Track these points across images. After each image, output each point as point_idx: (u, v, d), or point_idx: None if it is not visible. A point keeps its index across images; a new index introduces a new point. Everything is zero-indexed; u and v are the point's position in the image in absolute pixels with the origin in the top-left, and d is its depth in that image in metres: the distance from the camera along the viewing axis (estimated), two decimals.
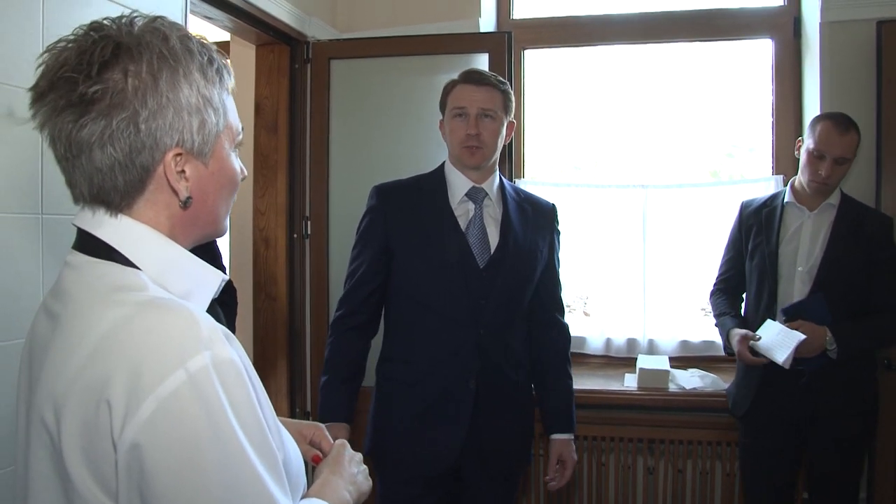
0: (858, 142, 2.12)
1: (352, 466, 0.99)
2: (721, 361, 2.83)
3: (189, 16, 1.90)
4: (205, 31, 2.52)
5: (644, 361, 2.73)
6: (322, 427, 1.08)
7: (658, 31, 2.98)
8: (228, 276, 0.86)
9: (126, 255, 0.77)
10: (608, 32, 3.02)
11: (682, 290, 2.92)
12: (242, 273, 2.82)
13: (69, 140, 0.74)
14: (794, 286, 2.15)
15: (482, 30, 2.83)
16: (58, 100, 0.74)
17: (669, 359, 2.83)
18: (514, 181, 2.81)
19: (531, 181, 3.05)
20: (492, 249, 1.84)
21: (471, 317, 1.80)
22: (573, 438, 1.97)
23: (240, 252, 2.91)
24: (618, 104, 3.16)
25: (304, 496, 0.88)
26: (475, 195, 1.87)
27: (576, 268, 2.97)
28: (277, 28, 2.56)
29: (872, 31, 2.46)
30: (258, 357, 2.75)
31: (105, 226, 0.78)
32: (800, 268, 2.15)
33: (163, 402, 0.66)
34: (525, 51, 3.08)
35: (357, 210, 1.97)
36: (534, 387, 1.99)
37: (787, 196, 2.22)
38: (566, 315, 2.06)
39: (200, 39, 0.81)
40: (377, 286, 1.88)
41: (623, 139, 3.19)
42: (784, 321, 2.10)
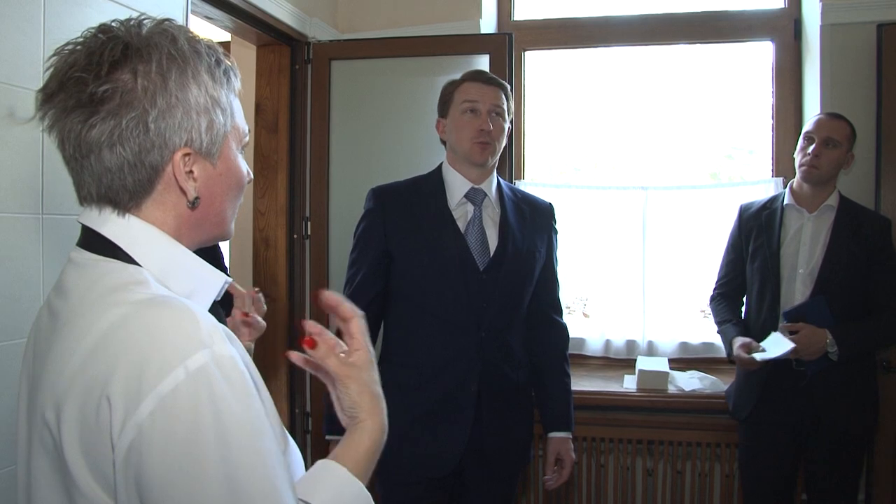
0: (852, 135, 2.16)
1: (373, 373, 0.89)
2: (720, 363, 2.84)
3: (190, 16, 1.90)
4: (205, 32, 2.52)
5: (643, 363, 2.73)
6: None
7: (659, 33, 2.98)
8: (231, 279, 0.86)
9: (130, 254, 0.77)
10: (609, 34, 3.02)
11: (682, 292, 2.92)
12: (242, 273, 2.82)
13: (78, 140, 0.75)
14: (796, 288, 2.15)
15: (483, 31, 2.83)
16: (67, 100, 0.74)
17: (669, 360, 2.83)
18: (514, 182, 2.81)
19: (531, 182, 3.05)
20: (491, 251, 1.84)
21: (471, 320, 1.80)
22: (571, 437, 1.97)
23: (240, 252, 2.91)
24: (618, 106, 3.17)
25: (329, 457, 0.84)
26: (474, 196, 1.86)
27: (576, 269, 2.97)
28: (278, 28, 2.56)
29: (873, 35, 2.47)
30: (258, 357, 2.71)
31: (111, 224, 0.78)
32: (801, 270, 2.15)
33: (162, 401, 0.66)
34: (526, 52, 3.09)
35: (357, 211, 1.95)
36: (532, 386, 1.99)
37: (787, 198, 2.23)
38: (565, 315, 2.06)
39: (208, 42, 0.82)
40: (378, 291, 1.86)
41: (623, 141, 3.19)
42: (785, 324, 2.11)
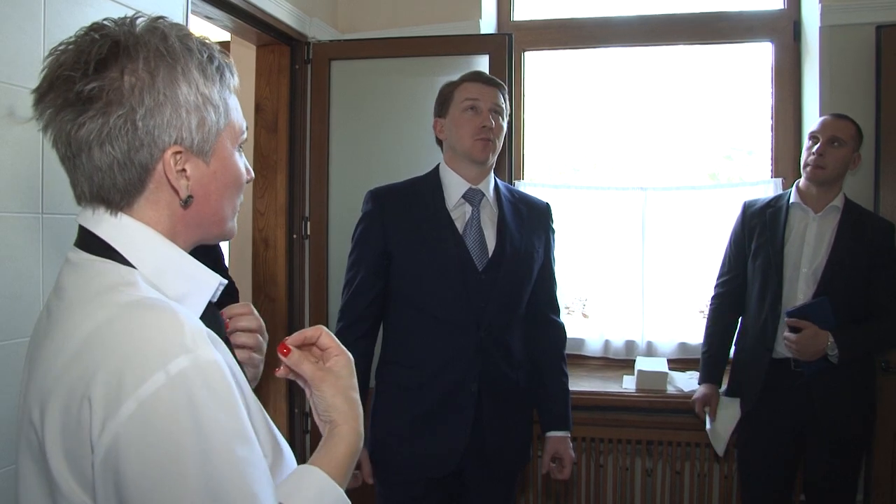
0: (858, 135, 2.16)
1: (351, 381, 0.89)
2: None
3: (190, 16, 1.91)
4: (205, 32, 2.52)
5: (642, 363, 2.73)
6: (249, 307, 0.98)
7: (658, 34, 2.98)
8: (227, 281, 0.85)
9: (123, 254, 0.77)
10: (608, 35, 3.03)
11: (681, 293, 2.92)
12: (242, 273, 2.82)
13: (69, 139, 0.75)
14: (798, 287, 2.15)
15: (483, 31, 2.83)
16: (56, 99, 0.74)
17: (668, 361, 2.83)
18: (514, 183, 2.81)
19: (530, 183, 3.05)
20: (489, 252, 1.84)
21: (470, 320, 1.80)
22: (570, 437, 1.97)
23: (239, 252, 2.91)
24: (617, 106, 3.17)
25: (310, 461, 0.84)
26: (472, 197, 1.87)
27: (575, 269, 2.97)
28: (278, 28, 2.56)
29: (872, 36, 2.47)
30: None
31: (104, 224, 0.78)
32: (804, 269, 2.15)
33: (142, 404, 0.66)
34: (525, 52, 3.09)
35: (357, 211, 1.95)
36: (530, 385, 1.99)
37: (793, 197, 2.22)
38: (564, 315, 2.06)
39: (202, 39, 0.81)
40: (378, 293, 1.86)
41: (622, 141, 3.19)
42: (789, 321, 2.11)
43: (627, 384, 2.71)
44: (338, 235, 2.71)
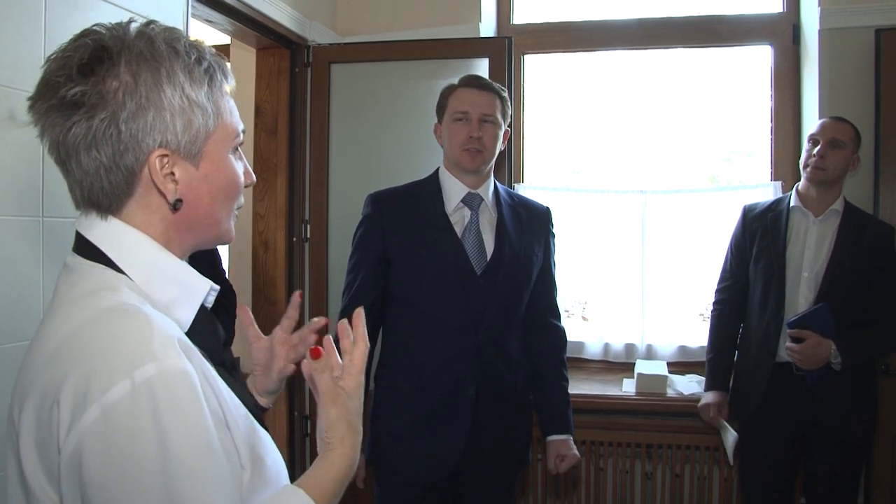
0: (857, 137, 2.17)
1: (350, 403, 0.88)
2: None
3: (190, 19, 1.91)
4: (205, 35, 2.52)
5: (642, 366, 2.73)
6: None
7: (658, 37, 2.99)
8: (219, 287, 0.84)
9: (112, 259, 0.77)
10: (608, 38, 3.03)
11: (681, 296, 2.92)
12: (242, 276, 2.82)
13: (59, 144, 0.75)
14: (800, 291, 2.15)
15: (482, 35, 2.84)
16: (43, 104, 0.75)
17: (668, 364, 2.83)
18: (513, 186, 2.81)
19: (530, 186, 3.05)
20: (488, 255, 1.84)
21: (469, 323, 1.81)
22: (571, 439, 1.97)
23: (239, 256, 2.92)
24: (617, 109, 3.17)
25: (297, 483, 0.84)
26: (471, 201, 1.87)
27: (574, 273, 2.97)
28: (278, 32, 2.56)
29: (871, 39, 2.47)
30: None
31: (95, 228, 0.79)
32: (805, 273, 2.15)
33: (106, 411, 0.66)
34: (525, 56, 3.09)
35: (357, 213, 1.96)
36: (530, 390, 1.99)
37: (794, 200, 2.22)
38: (564, 319, 2.06)
39: (195, 42, 0.81)
40: (377, 296, 1.86)
41: (622, 144, 3.19)
42: (791, 332, 2.09)
43: (627, 387, 2.71)
44: (338, 238, 2.71)
